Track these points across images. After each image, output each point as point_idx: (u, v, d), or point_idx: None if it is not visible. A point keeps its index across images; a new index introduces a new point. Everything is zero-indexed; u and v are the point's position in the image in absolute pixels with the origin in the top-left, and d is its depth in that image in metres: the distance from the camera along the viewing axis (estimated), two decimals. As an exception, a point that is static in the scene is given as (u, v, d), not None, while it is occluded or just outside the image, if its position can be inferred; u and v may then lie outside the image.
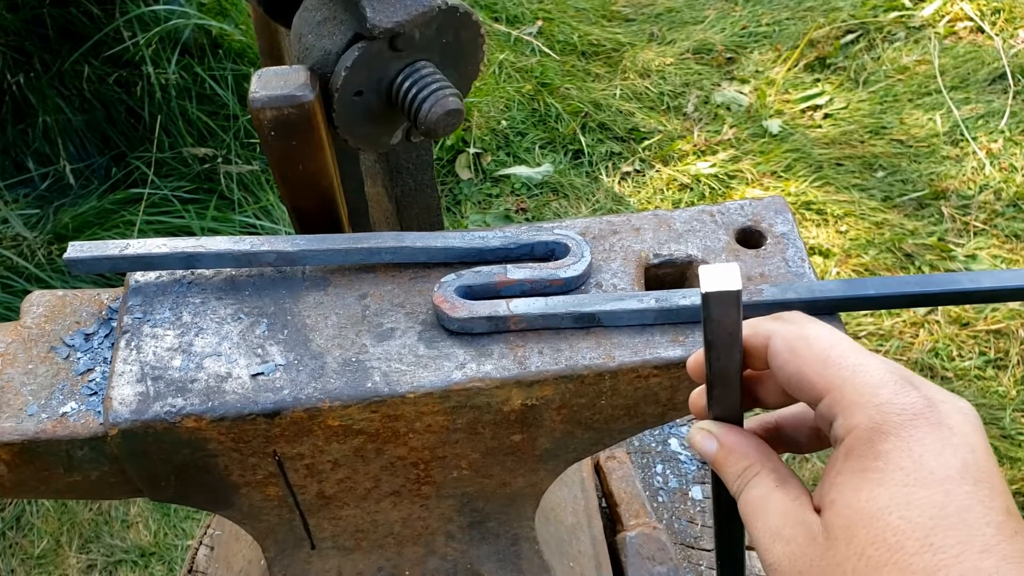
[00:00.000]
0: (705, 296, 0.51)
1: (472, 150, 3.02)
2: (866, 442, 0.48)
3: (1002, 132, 2.93)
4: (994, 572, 0.43)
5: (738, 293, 0.50)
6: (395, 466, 0.78)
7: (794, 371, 0.52)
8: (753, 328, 0.54)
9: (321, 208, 0.86)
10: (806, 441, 0.58)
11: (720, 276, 0.50)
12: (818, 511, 0.50)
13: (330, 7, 0.82)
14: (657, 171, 2.96)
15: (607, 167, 2.99)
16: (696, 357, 0.57)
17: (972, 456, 0.47)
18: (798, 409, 0.58)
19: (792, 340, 0.52)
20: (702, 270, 0.50)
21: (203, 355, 0.75)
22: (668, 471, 1.35)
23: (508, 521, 0.88)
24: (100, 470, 0.75)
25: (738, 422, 0.57)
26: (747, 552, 1.09)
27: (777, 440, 0.57)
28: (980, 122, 2.97)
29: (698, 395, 0.58)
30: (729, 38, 3.38)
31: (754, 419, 0.59)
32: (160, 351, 0.75)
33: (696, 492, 1.32)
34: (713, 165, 2.94)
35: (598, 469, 1.31)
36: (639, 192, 2.92)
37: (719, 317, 0.51)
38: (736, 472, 0.54)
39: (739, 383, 0.55)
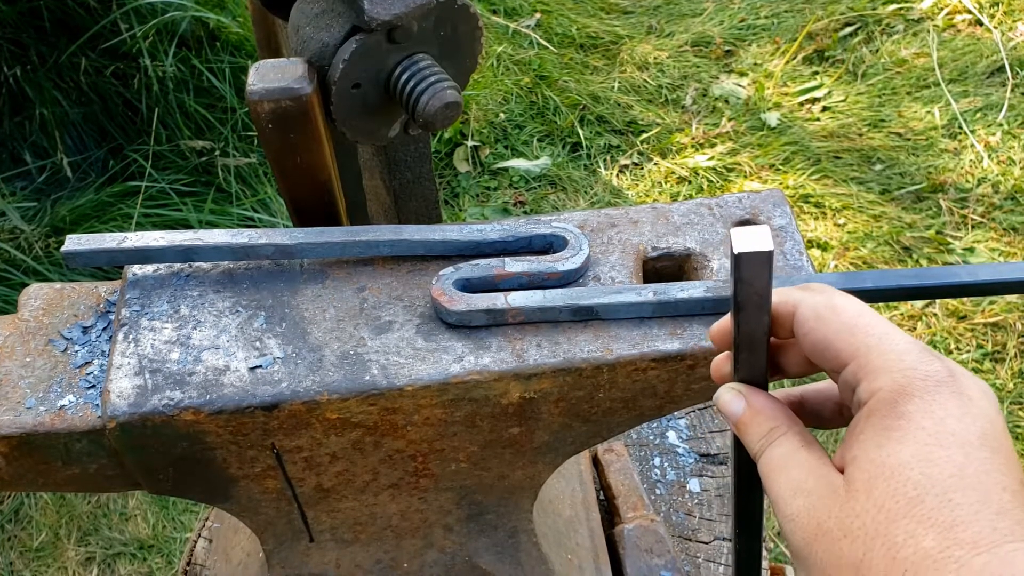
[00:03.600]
0: (736, 257, 0.50)
1: (470, 143, 3.01)
2: (889, 403, 0.49)
3: (1000, 125, 2.93)
4: (1009, 534, 0.44)
5: (770, 254, 0.50)
6: (393, 459, 0.78)
7: (820, 338, 0.53)
8: (781, 296, 0.55)
9: (319, 201, 0.86)
10: (829, 416, 0.59)
11: (751, 237, 0.50)
12: (840, 471, 0.50)
13: (328, -1, 0.82)
14: (655, 164, 2.96)
15: (605, 160, 2.99)
16: (720, 324, 0.58)
17: (991, 427, 0.48)
18: (823, 385, 0.59)
19: (820, 308, 0.53)
20: (733, 232, 0.51)
21: (201, 348, 0.75)
22: (666, 464, 1.35)
23: (506, 514, 0.89)
24: (98, 463, 0.75)
25: (763, 387, 0.57)
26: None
27: (800, 414, 0.57)
28: (978, 115, 2.97)
29: (720, 362, 0.59)
30: (727, 31, 3.38)
31: (778, 391, 0.59)
32: (158, 344, 0.75)
33: (694, 485, 1.32)
34: (711, 158, 2.94)
35: (596, 462, 1.31)
36: (637, 185, 2.92)
37: (750, 278, 0.51)
38: (761, 433, 0.55)
39: (766, 348, 0.55)
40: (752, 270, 0.51)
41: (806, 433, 0.54)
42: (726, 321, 0.56)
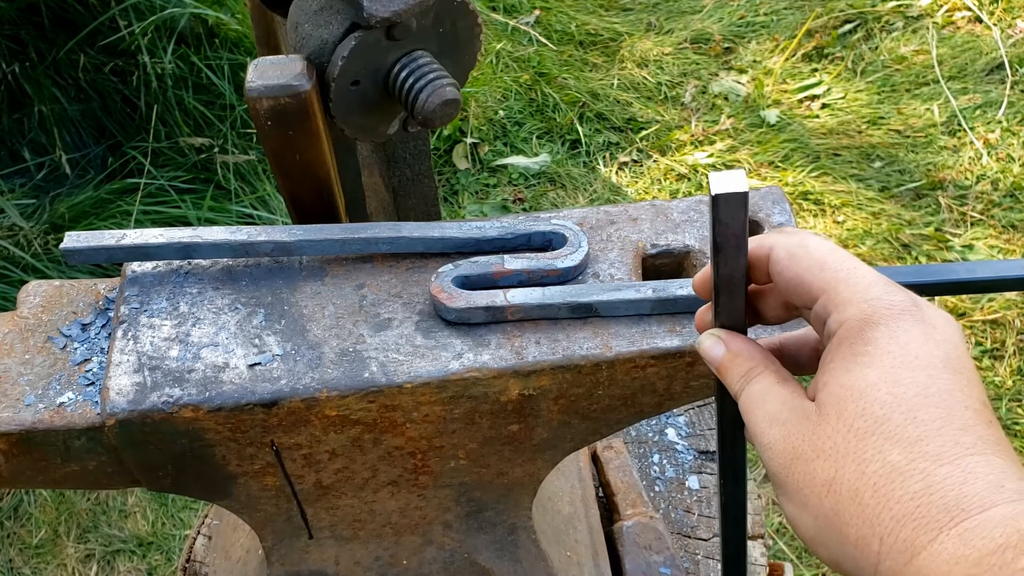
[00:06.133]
0: (714, 198, 0.53)
1: (469, 140, 3.01)
2: (857, 331, 0.51)
3: (999, 122, 2.93)
4: (971, 447, 0.47)
5: (745, 195, 0.53)
6: (392, 456, 0.78)
7: (793, 275, 0.55)
8: (757, 240, 0.57)
9: (318, 198, 0.86)
10: (806, 361, 0.61)
11: (728, 180, 0.53)
12: (812, 400, 0.53)
13: (327, -4, 0.81)
14: (655, 161, 2.96)
15: (604, 157, 2.99)
16: (703, 273, 0.60)
17: (954, 351, 0.51)
18: (800, 332, 0.62)
19: (792, 247, 0.56)
20: (711, 175, 0.54)
21: (200, 345, 0.75)
22: (665, 461, 1.35)
23: (505, 511, 0.89)
24: (97, 460, 0.75)
25: (742, 331, 0.60)
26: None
27: (779, 359, 0.60)
28: (978, 112, 2.97)
29: (703, 312, 0.62)
30: (727, 28, 3.37)
31: (758, 340, 0.62)
32: (157, 341, 0.75)
33: (693, 482, 1.32)
34: (711, 155, 2.94)
35: (595, 459, 1.31)
36: (636, 182, 2.92)
37: (727, 219, 0.54)
38: (740, 373, 0.57)
39: (744, 291, 0.58)
40: (729, 211, 0.54)
41: (782, 371, 0.57)
42: (708, 270, 0.59)
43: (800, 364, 0.61)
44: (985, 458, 0.47)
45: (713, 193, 0.53)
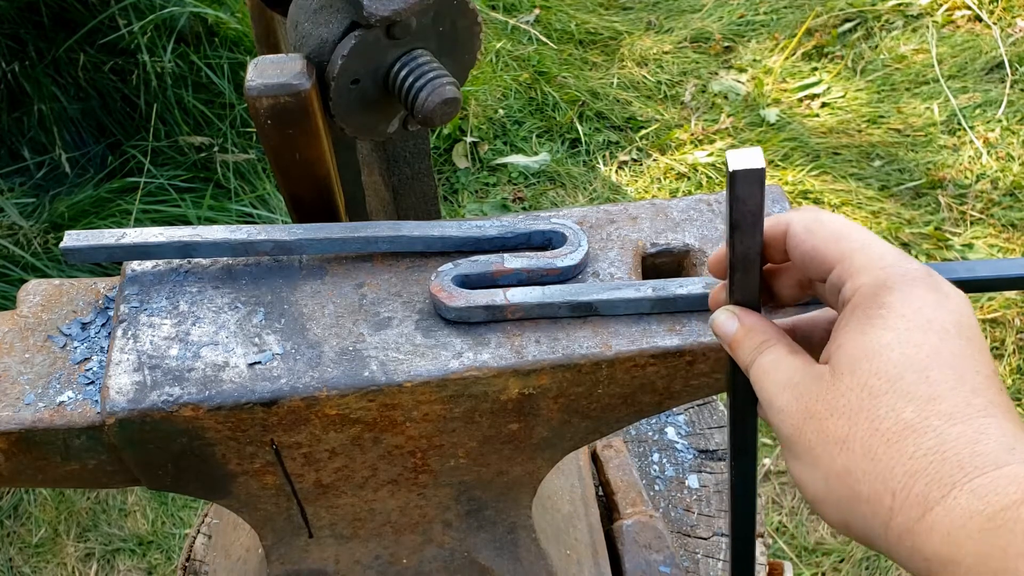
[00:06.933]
0: (732, 175, 0.54)
1: (469, 139, 3.01)
2: (871, 296, 0.53)
3: (999, 121, 2.93)
4: (983, 409, 0.48)
5: (762, 171, 0.54)
6: (392, 455, 0.78)
7: (809, 248, 0.56)
8: (773, 220, 0.59)
9: (318, 197, 0.86)
10: (818, 342, 0.61)
11: (746, 157, 0.54)
12: (825, 365, 0.54)
13: (326, -5, 0.81)
14: (654, 160, 2.96)
15: (604, 156, 2.99)
16: (718, 254, 0.62)
17: (965, 319, 0.52)
18: (813, 313, 0.63)
19: (808, 222, 0.57)
20: (729, 153, 0.55)
21: (200, 344, 0.75)
22: (664, 460, 1.35)
23: (505, 509, 0.89)
24: (97, 459, 0.75)
25: (756, 309, 0.61)
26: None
27: (795, 336, 0.61)
28: (977, 111, 2.97)
29: (717, 291, 0.63)
30: (727, 27, 3.37)
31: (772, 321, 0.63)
32: (157, 340, 0.75)
33: (692, 481, 1.32)
34: (711, 154, 2.94)
35: (595, 458, 1.31)
36: (636, 181, 2.92)
37: (744, 196, 0.55)
38: (752, 346, 0.58)
39: (759, 269, 0.59)
40: (746, 188, 0.54)
41: (794, 344, 0.58)
42: (723, 249, 0.60)
43: (813, 344, 0.61)
44: (996, 421, 0.48)
45: (731, 170, 0.54)
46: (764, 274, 0.61)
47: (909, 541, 0.46)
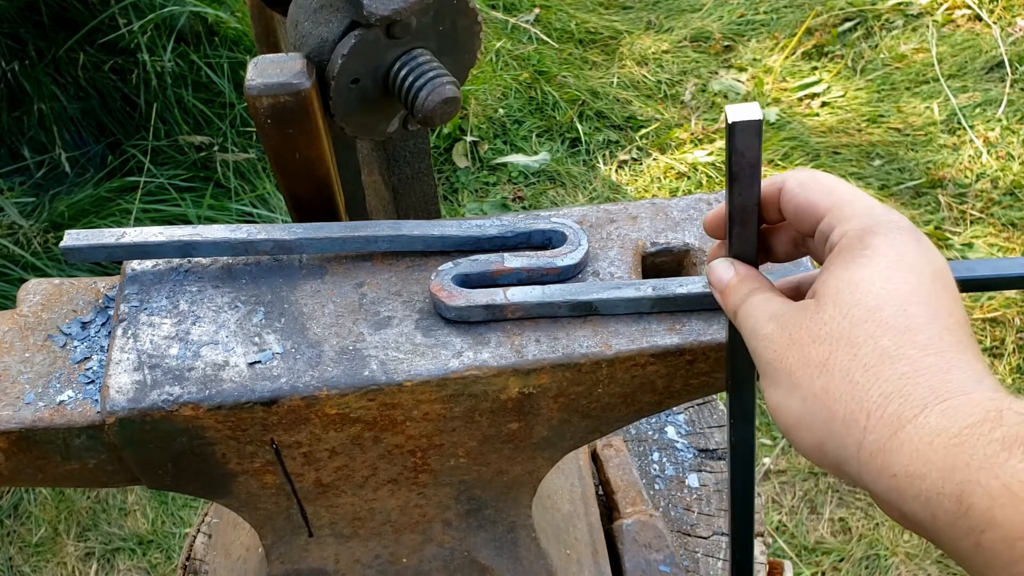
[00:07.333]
0: (731, 126, 0.56)
1: (469, 138, 3.01)
2: (857, 238, 0.56)
3: (999, 120, 2.93)
4: (954, 345, 0.51)
5: (760, 123, 0.56)
6: (392, 454, 0.78)
7: (803, 200, 0.60)
8: (769, 179, 0.62)
9: (318, 196, 0.86)
10: (791, 248, 0.65)
11: (743, 110, 0.56)
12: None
13: (326, -6, 0.81)
14: (654, 159, 2.96)
15: (604, 155, 2.99)
16: (714, 213, 0.65)
17: (943, 269, 0.56)
18: (815, 271, 0.65)
19: (802, 178, 0.61)
20: (727, 108, 0.57)
21: (200, 343, 0.75)
22: (664, 459, 1.35)
23: (505, 509, 0.89)
24: (97, 458, 0.75)
25: (753, 263, 0.63)
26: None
27: (795, 297, 0.63)
28: (977, 110, 2.97)
29: (715, 249, 0.67)
30: (727, 26, 3.37)
31: (778, 281, 0.66)
32: (157, 339, 0.75)
33: (692, 480, 1.32)
34: (711, 153, 2.94)
35: (595, 457, 1.31)
36: (636, 180, 2.92)
37: (743, 148, 0.57)
38: (744, 291, 0.61)
39: (757, 223, 0.61)
40: (745, 140, 0.57)
41: (784, 294, 0.61)
42: (719, 211, 0.64)
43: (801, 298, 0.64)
44: (966, 357, 0.51)
45: (730, 121, 0.56)
46: (761, 233, 0.63)
47: (880, 459, 0.49)
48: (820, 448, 0.53)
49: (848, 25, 3.31)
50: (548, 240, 0.81)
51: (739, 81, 3.17)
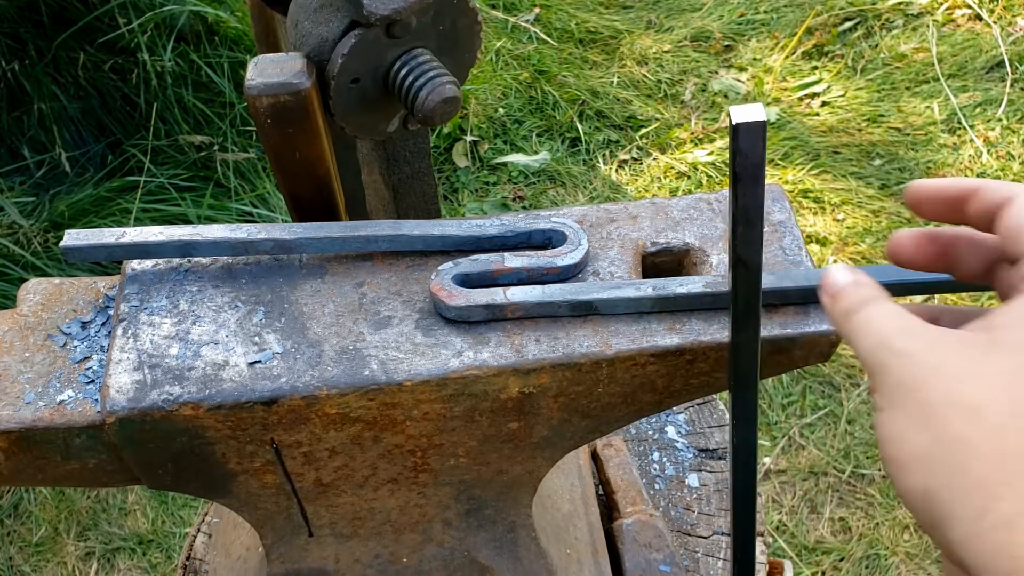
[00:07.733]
0: (735, 128, 0.56)
1: (469, 138, 3.01)
2: None
3: (999, 120, 2.93)
4: None
5: (764, 124, 0.56)
6: (392, 454, 0.78)
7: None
8: (997, 183, 0.56)
9: (318, 196, 0.86)
10: (980, 269, 0.59)
11: (747, 111, 0.56)
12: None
13: (326, -6, 0.81)
14: (654, 159, 2.96)
15: (604, 155, 2.99)
16: (931, 188, 0.59)
17: None
18: (980, 235, 0.59)
19: None
20: (731, 109, 0.56)
21: (200, 343, 0.75)
22: (665, 459, 1.35)
23: (505, 508, 0.89)
24: (97, 458, 0.75)
25: (757, 263, 0.61)
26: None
27: (945, 256, 0.59)
28: (978, 110, 2.97)
29: (921, 236, 0.61)
30: (727, 25, 3.37)
31: (929, 229, 0.60)
32: (157, 339, 0.75)
33: (692, 480, 1.32)
34: (711, 153, 2.94)
35: (595, 457, 1.31)
36: (636, 180, 2.92)
37: (747, 149, 0.56)
38: (861, 296, 0.55)
39: (761, 224, 0.60)
40: (749, 141, 0.56)
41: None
42: (908, 232, 0.58)
43: (966, 266, 0.60)
44: None
45: (734, 123, 0.55)
46: (948, 238, 0.58)
47: (1006, 534, 0.43)
48: (926, 495, 0.47)
49: (848, 25, 3.31)
50: (548, 240, 0.81)
51: (739, 81, 3.17)
